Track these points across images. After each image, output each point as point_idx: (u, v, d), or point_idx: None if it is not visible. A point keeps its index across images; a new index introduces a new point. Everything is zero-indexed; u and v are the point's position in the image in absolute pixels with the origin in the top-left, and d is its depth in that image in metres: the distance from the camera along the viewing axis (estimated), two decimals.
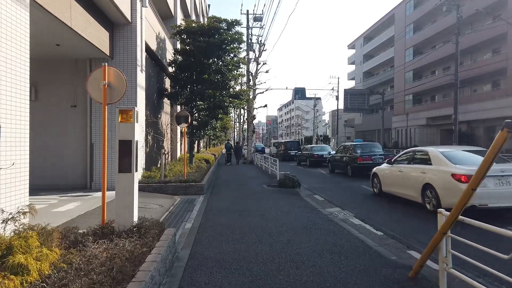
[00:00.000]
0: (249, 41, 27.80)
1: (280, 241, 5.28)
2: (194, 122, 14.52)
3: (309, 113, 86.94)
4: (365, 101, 44.93)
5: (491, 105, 31.00)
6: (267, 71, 27.48)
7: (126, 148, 4.03)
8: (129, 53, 9.61)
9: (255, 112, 26.18)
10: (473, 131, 34.62)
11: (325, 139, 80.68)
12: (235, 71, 14.25)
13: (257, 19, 28.31)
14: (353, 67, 65.74)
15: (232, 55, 14.43)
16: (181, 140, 19.40)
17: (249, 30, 28.03)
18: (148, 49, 11.98)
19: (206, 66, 13.86)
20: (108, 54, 9.15)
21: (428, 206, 7.74)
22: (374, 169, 10.93)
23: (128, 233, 3.79)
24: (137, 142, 4.15)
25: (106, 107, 4.21)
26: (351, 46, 65.45)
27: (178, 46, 15.24)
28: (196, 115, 15.29)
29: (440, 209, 3.45)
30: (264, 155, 24.76)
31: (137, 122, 4.12)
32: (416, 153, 8.83)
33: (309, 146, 28.43)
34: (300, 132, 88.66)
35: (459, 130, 28.99)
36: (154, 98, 13.43)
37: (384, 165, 10.23)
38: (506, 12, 29.31)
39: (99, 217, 4.81)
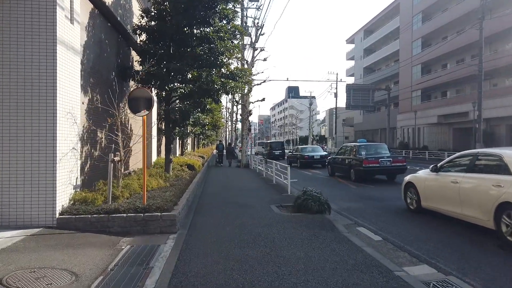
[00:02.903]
0: (244, 24, 23.84)
1: None
2: (171, 115, 10.36)
3: (303, 113, 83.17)
4: (369, 97, 41.07)
5: None
6: (265, 59, 23.43)
7: None
8: None
9: (251, 106, 22.10)
10: (493, 129, 31.00)
11: (321, 139, 77.09)
12: (229, 42, 10.09)
13: None
14: (352, 62, 61.99)
15: (225, 21, 10.31)
16: (159, 139, 15.26)
17: (244, 12, 24.10)
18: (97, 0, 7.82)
19: (188, 34, 9.72)
20: None
21: (509, 237, 5.19)
22: (409, 178, 8.17)
23: None
24: None
25: None
26: (350, 40, 61.72)
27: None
28: (177, 101, 11.12)
29: None
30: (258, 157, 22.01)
31: None
32: (480, 157, 6.43)
33: (300, 147, 27.94)
34: (294, 132, 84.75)
35: (476, 129, 25.37)
36: (112, 78, 9.23)
37: (424, 172, 7.92)
38: None
39: None
